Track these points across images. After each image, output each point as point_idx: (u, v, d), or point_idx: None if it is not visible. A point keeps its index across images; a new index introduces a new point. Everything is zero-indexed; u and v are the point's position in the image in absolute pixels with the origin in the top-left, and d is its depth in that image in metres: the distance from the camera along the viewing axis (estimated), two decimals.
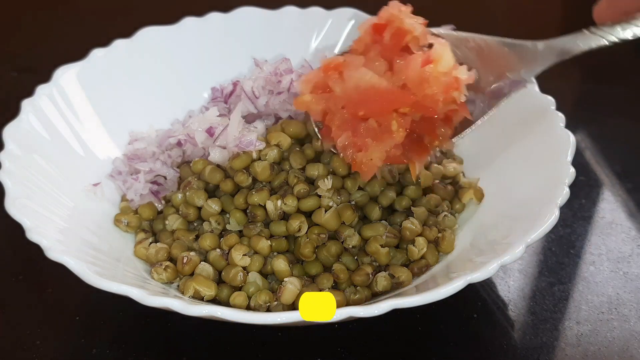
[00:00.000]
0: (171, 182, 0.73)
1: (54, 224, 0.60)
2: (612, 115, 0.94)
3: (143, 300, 0.50)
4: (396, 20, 0.61)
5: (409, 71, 0.58)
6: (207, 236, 0.65)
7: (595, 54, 0.65)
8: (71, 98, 0.74)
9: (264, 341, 0.62)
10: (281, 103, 0.76)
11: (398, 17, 0.61)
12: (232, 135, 0.67)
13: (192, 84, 0.82)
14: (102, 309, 0.65)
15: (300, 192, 0.63)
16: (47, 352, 0.62)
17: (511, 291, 0.67)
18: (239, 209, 0.66)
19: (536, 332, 0.63)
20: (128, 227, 0.69)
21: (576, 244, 0.73)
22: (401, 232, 0.65)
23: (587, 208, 0.77)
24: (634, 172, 0.83)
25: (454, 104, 0.58)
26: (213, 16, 0.85)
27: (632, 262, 0.70)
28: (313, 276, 0.63)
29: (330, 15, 0.85)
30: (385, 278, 0.62)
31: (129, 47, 0.80)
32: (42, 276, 0.69)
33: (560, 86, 0.75)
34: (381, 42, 0.61)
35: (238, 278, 0.61)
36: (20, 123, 0.67)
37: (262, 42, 0.85)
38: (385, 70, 0.59)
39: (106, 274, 0.54)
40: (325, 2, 0.88)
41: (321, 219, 0.63)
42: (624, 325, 0.64)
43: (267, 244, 0.63)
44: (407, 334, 0.63)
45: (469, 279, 0.51)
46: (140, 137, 0.77)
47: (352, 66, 0.59)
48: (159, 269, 0.63)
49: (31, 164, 0.65)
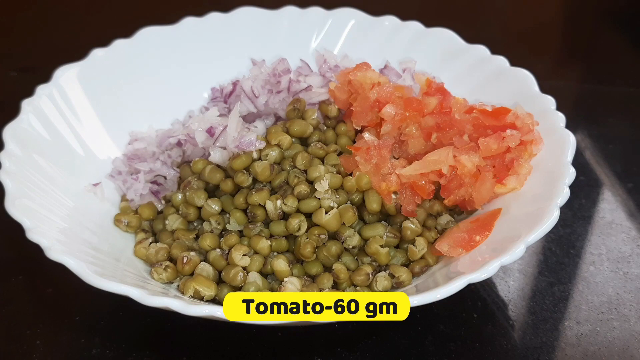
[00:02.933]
0: (171, 182, 0.73)
1: (54, 224, 0.60)
2: (612, 115, 0.94)
3: (143, 300, 0.50)
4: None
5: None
6: (207, 236, 0.65)
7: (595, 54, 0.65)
8: (71, 98, 0.74)
9: (264, 341, 0.62)
10: (281, 102, 0.76)
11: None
12: (231, 135, 0.67)
13: (192, 84, 0.82)
14: (102, 308, 0.65)
15: (301, 193, 0.63)
16: (47, 352, 0.62)
17: (511, 291, 0.67)
18: (239, 209, 0.66)
19: (536, 332, 0.63)
20: (128, 227, 0.69)
21: (576, 244, 0.73)
22: (401, 232, 0.65)
23: (587, 208, 0.77)
24: (634, 172, 0.83)
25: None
26: (213, 16, 0.85)
27: (632, 262, 0.70)
28: (313, 276, 0.63)
29: (330, 15, 0.86)
30: (385, 278, 0.62)
31: (129, 47, 0.80)
32: (42, 276, 0.69)
33: (560, 86, 0.75)
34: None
35: (238, 278, 0.61)
36: (20, 123, 0.67)
37: (262, 42, 0.85)
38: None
39: (106, 274, 0.54)
40: (325, 2, 0.88)
41: (322, 220, 0.63)
42: (624, 325, 0.64)
43: (267, 244, 0.63)
44: (407, 334, 0.63)
45: (469, 279, 0.51)
46: (140, 137, 0.77)
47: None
48: (159, 269, 0.63)
49: (31, 164, 0.65)
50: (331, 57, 0.82)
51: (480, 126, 0.67)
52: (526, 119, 0.66)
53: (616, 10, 1.23)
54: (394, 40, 0.83)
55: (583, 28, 1.20)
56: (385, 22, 0.84)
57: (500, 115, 0.67)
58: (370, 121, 0.70)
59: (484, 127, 0.67)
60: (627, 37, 1.13)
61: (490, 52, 0.78)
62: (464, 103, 0.70)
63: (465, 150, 0.65)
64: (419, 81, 0.74)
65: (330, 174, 0.65)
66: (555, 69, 1.07)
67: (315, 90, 0.76)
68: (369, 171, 0.65)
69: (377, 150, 0.65)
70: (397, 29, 0.84)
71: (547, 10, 1.25)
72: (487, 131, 0.66)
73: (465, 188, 0.64)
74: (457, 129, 0.67)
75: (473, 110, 0.69)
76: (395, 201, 0.65)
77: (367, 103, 0.70)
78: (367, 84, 0.71)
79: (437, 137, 0.67)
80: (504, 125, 0.66)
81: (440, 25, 0.82)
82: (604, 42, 1.14)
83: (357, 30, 0.85)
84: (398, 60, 0.82)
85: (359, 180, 0.65)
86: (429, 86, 0.72)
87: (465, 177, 0.64)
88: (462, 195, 0.65)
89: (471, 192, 0.64)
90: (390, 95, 0.69)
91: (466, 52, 0.79)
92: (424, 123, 0.68)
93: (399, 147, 0.69)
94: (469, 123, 0.67)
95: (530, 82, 0.72)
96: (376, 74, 0.72)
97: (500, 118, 0.67)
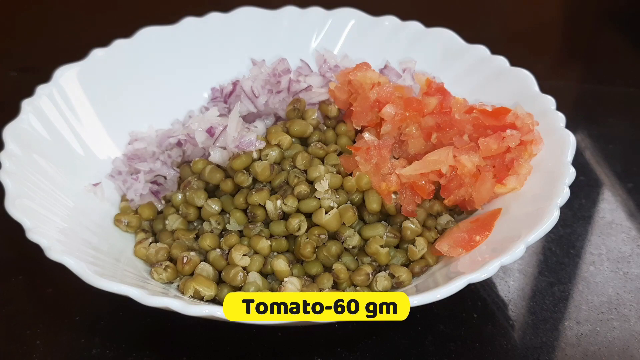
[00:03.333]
0: (171, 182, 0.73)
1: (54, 224, 0.60)
2: (612, 115, 0.94)
3: (143, 300, 0.50)
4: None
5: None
6: (207, 236, 0.65)
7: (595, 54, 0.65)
8: (71, 98, 0.74)
9: (264, 341, 0.62)
10: (281, 102, 0.76)
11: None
12: (231, 135, 0.67)
13: (192, 84, 0.82)
14: (102, 308, 0.65)
15: (301, 193, 0.63)
16: (47, 352, 0.62)
17: (511, 291, 0.67)
18: (239, 209, 0.66)
19: (536, 332, 0.63)
20: (128, 227, 0.69)
21: (576, 244, 0.73)
22: (401, 232, 0.65)
23: (587, 208, 0.77)
24: (634, 172, 0.83)
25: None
26: (213, 16, 0.85)
27: (632, 262, 0.70)
28: (313, 276, 0.63)
29: (330, 15, 0.86)
30: (385, 278, 0.62)
31: (129, 47, 0.80)
32: (42, 276, 0.69)
33: (560, 86, 0.75)
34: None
35: (238, 278, 0.61)
36: (20, 123, 0.67)
37: (262, 42, 0.85)
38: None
39: (106, 274, 0.54)
40: (325, 2, 0.88)
41: (322, 220, 0.63)
42: (624, 325, 0.64)
43: (267, 244, 0.63)
44: (407, 334, 0.63)
45: (469, 279, 0.51)
46: (140, 137, 0.77)
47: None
48: (159, 269, 0.63)
49: (31, 164, 0.65)
50: (331, 57, 0.82)
51: (480, 126, 0.67)
52: (526, 119, 0.66)
53: (616, 10, 1.23)
54: (394, 40, 0.83)
55: (583, 28, 1.20)
56: (385, 22, 0.84)
57: (500, 115, 0.67)
58: (370, 121, 0.70)
59: (484, 127, 0.67)
60: (627, 37, 1.13)
61: (490, 52, 0.78)
62: (464, 103, 0.70)
63: (465, 150, 0.65)
64: (419, 81, 0.74)
65: (330, 174, 0.65)
66: (555, 69, 1.07)
67: (315, 90, 0.76)
68: (369, 171, 0.65)
69: (377, 151, 0.65)
70: (397, 29, 0.84)
71: (547, 10, 1.25)
72: (487, 131, 0.66)
73: (465, 188, 0.64)
74: (457, 129, 0.67)
75: (473, 110, 0.69)
76: (395, 201, 0.65)
77: (367, 103, 0.70)
78: (367, 84, 0.71)
79: (437, 137, 0.67)
80: (504, 125, 0.66)
81: (440, 25, 0.82)
82: (604, 42, 1.14)
83: (357, 30, 0.85)
84: (398, 60, 0.82)
85: (359, 180, 0.65)
86: (429, 86, 0.72)
87: (465, 177, 0.64)
88: (462, 195, 0.65)
89: (471, 192, 0.64)
90: (391, 95, 0.69)
91: (466, 52, 0.79)
92: (424, 123, 0.68)
93: (399, 147, 0.69)
94: (469, 123, 0.67)
95: (530, 82, 0.72)
96: (376, 74, 0.72)
97: (500, 118, 0.67)
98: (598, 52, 1.11)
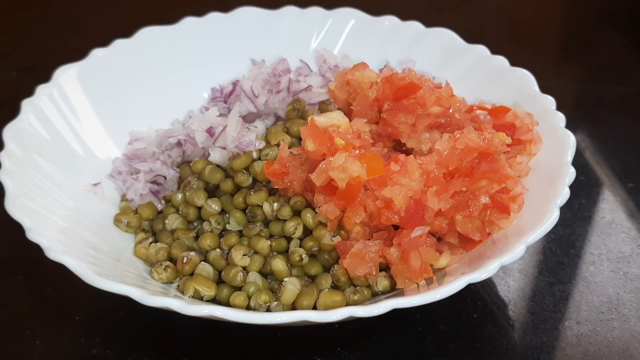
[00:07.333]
0: (171, 182, 0.73)
1: (54, 224, 0.60)
2: (612, 115, 0.94)
3: (143, 300, 0.50)
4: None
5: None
6: (207, 236, 0.65)
7: (595, 54, 0.65)
8: (71, 98, 0.74)
9: (264, 341, 0.62)
10: (281, 102, 0.76)
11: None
12: (231, 135, 0.67)
13: (192, 84, 0.82)
14: (102, 308, 0.65)
15: (297, 205, 0.64)
16: (47, 352, 0.62)
17: (511, 291, 0.67)
18: (238, 209, 0.66)
19: (536, 332, 0.63)
20: (128, 227, 0.69)
21: (576, 244, 0.73)
22: None
23: (587, 208, 0.77)
24: (634, 172, 0.83)
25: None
26: (213, 16, 0.85)
27: (632, 262, 0.70)
28: (313, 276, 0.63)
29: (330, 15, 0.86)
30: (385, 278, 0.62)
31: (129, 47, 0.80)
32: (42, 276, 0.69)
33: (560, 86, 0.75)
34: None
35: (238, 278, 0.61)
36: (20, 123, 0.67)
37: (262, 42, 0.85)
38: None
39: (106, 274, 0.54)
40: (325, 2, 0.88)
41: (319, 232, 0.63)
42: (624, 325, 0.64)
43: (266, 244, 0.63)
44: (407, 334, 0.63)
45: (469, 279, 0.51)
46: (140, 137, 0.77)
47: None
48: (159, 268, 0.63)
49: (31, 164, 0.65)
50: (331, 57, 0.82)
51: (479, 127, 0.67)
52: (525, 118, 0.66)
53: (616, 10, 1.23)
54: (394, 40, 0.84)
55: (583, 28, 1.20)
56: (385, 22, 0.84)
57: (500, 114, 0.67)
58: (370, 120, 0.70)
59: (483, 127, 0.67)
60: (627, 37, 1.13)
61: (490, 52, 0.78)
62: (464, 103, 0.70)
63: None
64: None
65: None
66: (555, 69, 1.07)
67: (315, 90, 0.76)
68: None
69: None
70: (397, 29, 0.84)
71: (547, 10, 1.25)
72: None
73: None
74: (457, 128, 0.67)
75: (473, 109, 0.69)
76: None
77: (367, 102, 0.70)
78: (366, 84, 0.71)
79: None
80: (503, 124, 0.66)
81: (440, 25, 0.82)
82: (604, 42, 1.14)
83: (357, 30, 0.85)
84: (398, 60, 0.82)
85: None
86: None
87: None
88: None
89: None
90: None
91: (466, 52, 0.79)
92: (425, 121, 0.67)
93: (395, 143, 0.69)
94: (468, 123, 0.67)
95: (530, 82, 0.72)
96: (374, 73, 0.72)
97: (500, 117, 0.67)
98: (598, 52, 1.11)
